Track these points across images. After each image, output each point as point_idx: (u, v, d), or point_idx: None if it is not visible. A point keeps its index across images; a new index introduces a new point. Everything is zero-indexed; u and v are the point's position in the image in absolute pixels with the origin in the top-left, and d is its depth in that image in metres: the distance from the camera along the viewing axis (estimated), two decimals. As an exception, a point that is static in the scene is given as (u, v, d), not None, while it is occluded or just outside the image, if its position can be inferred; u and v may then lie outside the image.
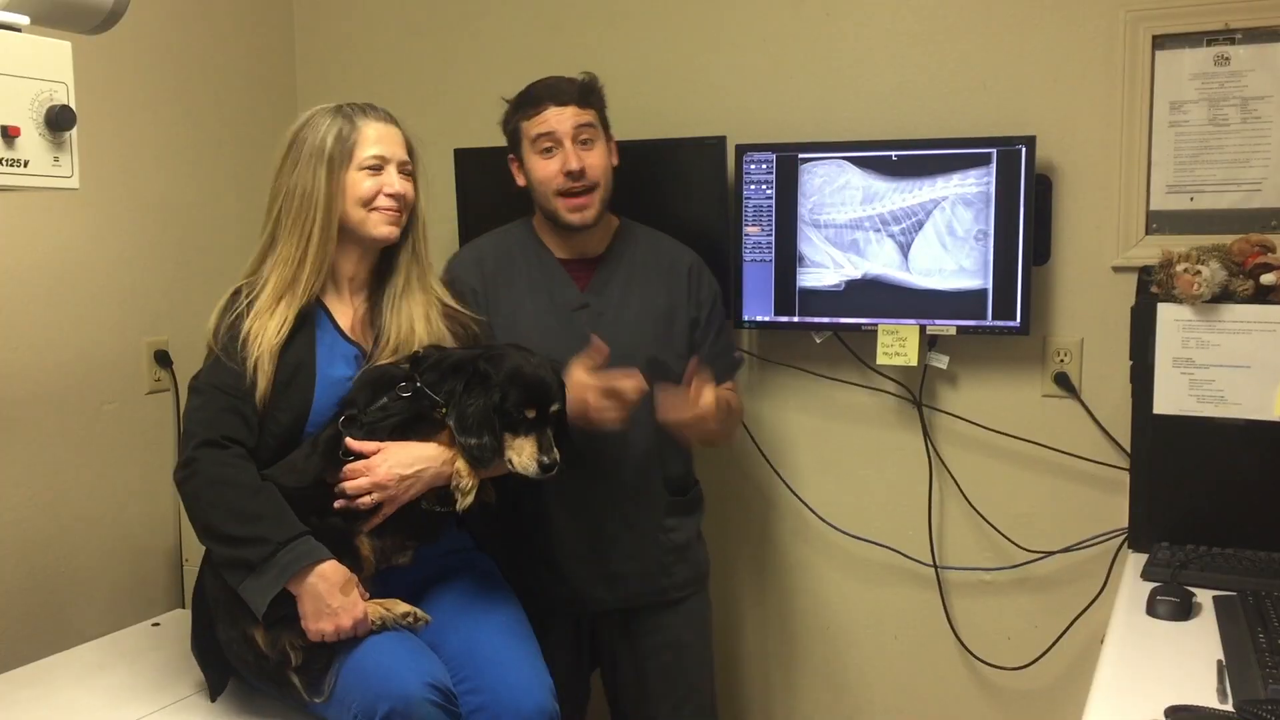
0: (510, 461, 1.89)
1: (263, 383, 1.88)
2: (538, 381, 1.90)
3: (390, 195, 1.97)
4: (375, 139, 1.97)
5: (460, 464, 1.88)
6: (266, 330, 1.90)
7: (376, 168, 1.96)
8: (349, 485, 1.86)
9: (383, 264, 2.05)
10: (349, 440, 1.87)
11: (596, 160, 2.18)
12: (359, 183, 1.96)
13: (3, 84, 1.64)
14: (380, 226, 1.98)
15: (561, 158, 2.16)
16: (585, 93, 2.20)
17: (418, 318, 2.01)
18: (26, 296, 2.37)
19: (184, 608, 2.61)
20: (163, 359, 2.67)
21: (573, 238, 2.24)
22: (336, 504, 1.86)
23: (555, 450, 1.89)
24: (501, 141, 2.80)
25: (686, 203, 2.59)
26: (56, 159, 1.73)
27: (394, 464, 1.86)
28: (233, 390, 1.88)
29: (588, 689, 2.42)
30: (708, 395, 2.05)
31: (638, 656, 2.29)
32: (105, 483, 2.55)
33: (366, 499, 1.86)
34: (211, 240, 2.81)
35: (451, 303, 2.10)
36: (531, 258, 2.27)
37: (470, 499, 1.88)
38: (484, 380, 1.87)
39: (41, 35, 1.71)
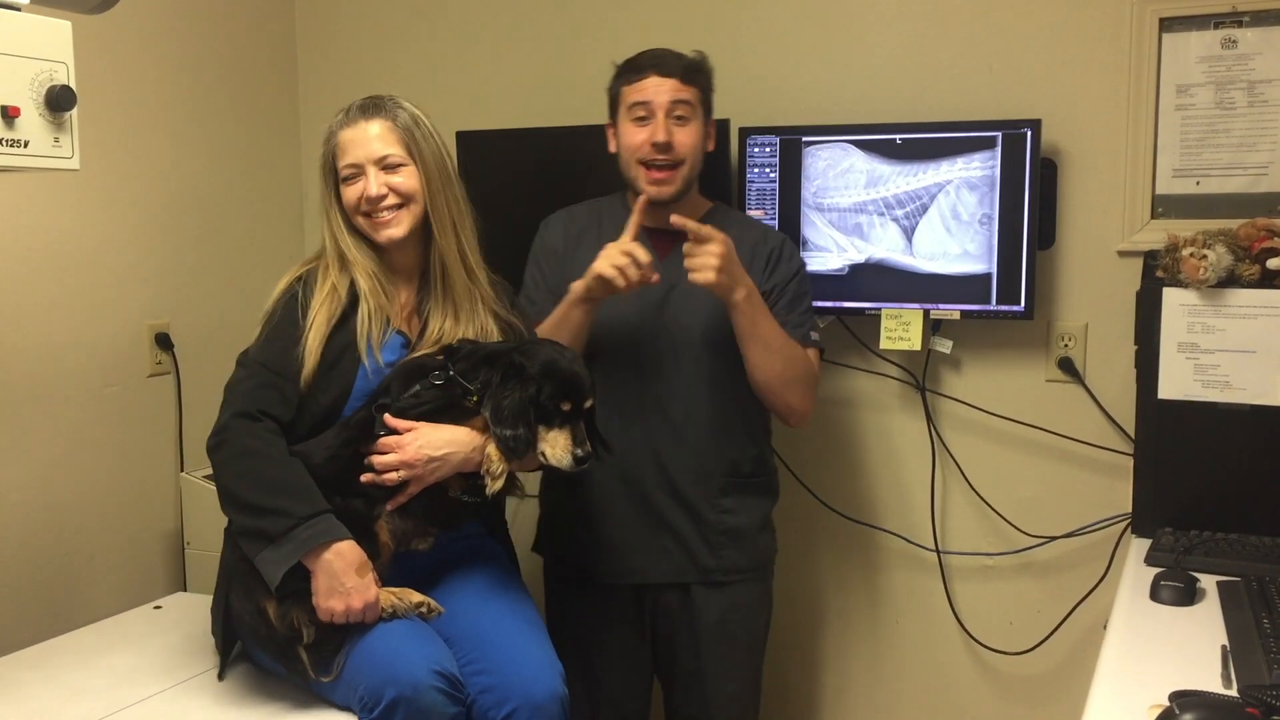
0: (543, 454, 1.89)
1: (310, 363, 1.89)
2: (572, 376, 1.91)
3: (370, 199, 1.95)
4: (346, 146, 1.97)
5: (491, 449, 1.88)
6: (319, 316, 1.93)
7: (352, 177, 1.97)
8: (377, 460, 1.87)
9: (430, 257, 2.04)
10: (386, 417, 1.88)
11: (687, 138, 2.15)
12: (346, 193, 1.98)
13: (2, 64, 1.63)
14: (376, 231, 1.98)
15: (651, 128, 2.13)
16: (691, 70, 2.17)
17: (466, 315, 2.02)
18: (26, 278, 2.36)
19: (186, 591, 2.61)
20: (164, 342, 2.66)
21: (657, 209, 2.18)
22: (363, 477, 1.87)
23: (588, 443, 1.91)
24: (504, 124, 2.81)
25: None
26: (57, 139, 1.73)
27: (424, 444, 1.87)
28: (277, 368, 1.90)
29: (651, 674, 2.38)
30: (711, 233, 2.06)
31: (691, 642, 2.26)
32: (106, 466, 2.54)
33: (393, 475, 1.86)
34: (213, 222, 2.80)
35: (499, 310, 2.09)
36: (617, 226, 2.19)
37: (500, 484, 1.88)
38: (520, 373, 1.88)
39: (41, 15, 1.70)
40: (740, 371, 2.18)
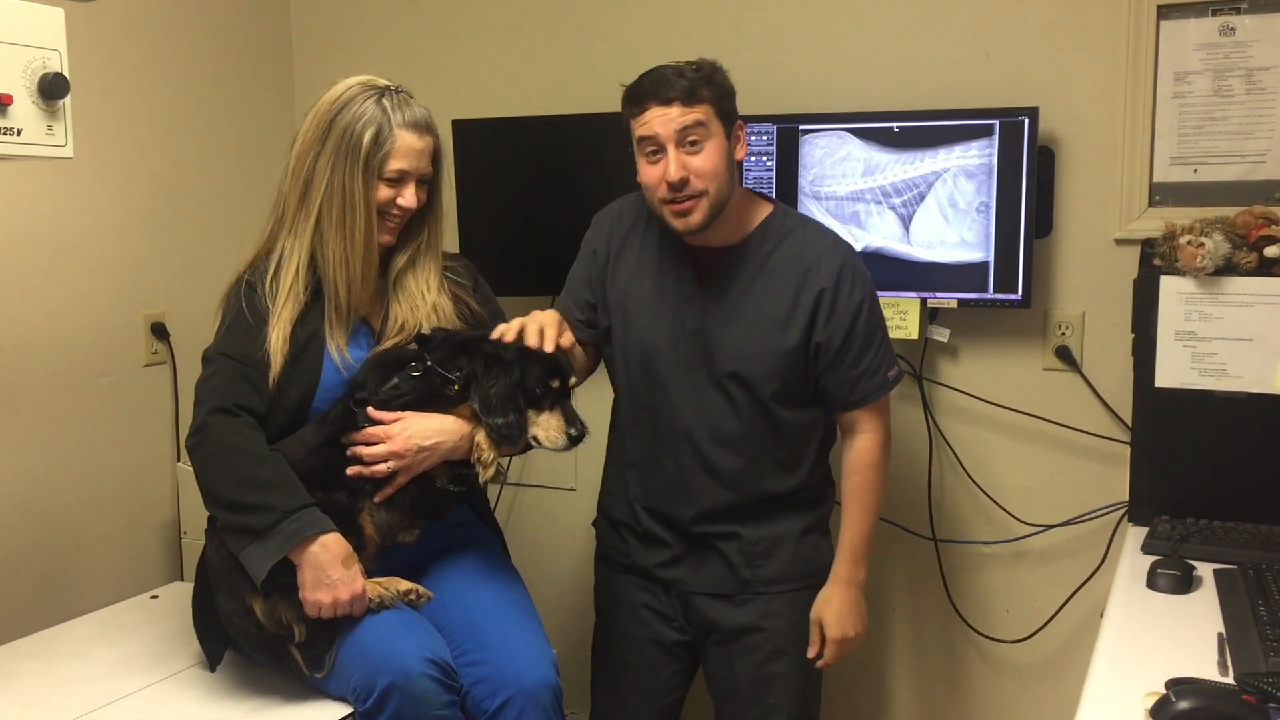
0: (536, 438, 1.90)
1: (276, 363, 1.87)
2: (551, 356, 1.91)
3: (400, 208, 1.94)
4: (405, 152, 1.91)
5: (480, 437, 1.88)
6: (282, 315, 1.90)
7: (396, 181, 1.93)
8: (366, 451, 1.86)
9: (390, 251, 2.03)
10: (370, 409, 1.87)
11: (705, 164, 1.96)
12: (382, 190, 1.93)
13: (-5, 51, 1.62)
14: (380, 234, 1.95)
15: (663, 165, 1.96)
16: (694, 88, 1.95)
17: (420, 301, 2.00)
18: (21, 267, 2.36)
19: (182, 580, 2.61)
20: (159, 331, 2.66)
21: (695, 231, 2.05)
22: (350, 470, 1.86)
23: (579, 421, 1.91)
24: (500, 112, 2.81)
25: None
26: (50, 127, 1.72)
27: (413, 434, 1.86)
28: (244, 359, 1.88)
29: (689, 682, 2.28)
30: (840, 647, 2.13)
31: (729, 653, 2.17)
32: (102, 455, 2.54)
33: (382, 467, 1.85)
34: (208, 211, 2.79)
35: (456, 291, 2.08)
36: (662, 234, 2.10)
37: (492, 471, 1.89)
38: (499, 360, 1.88)
39: (34, 2, 1.69)
40: (773, 410, 2.07)
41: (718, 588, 2.15)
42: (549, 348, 1.91)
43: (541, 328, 1.93)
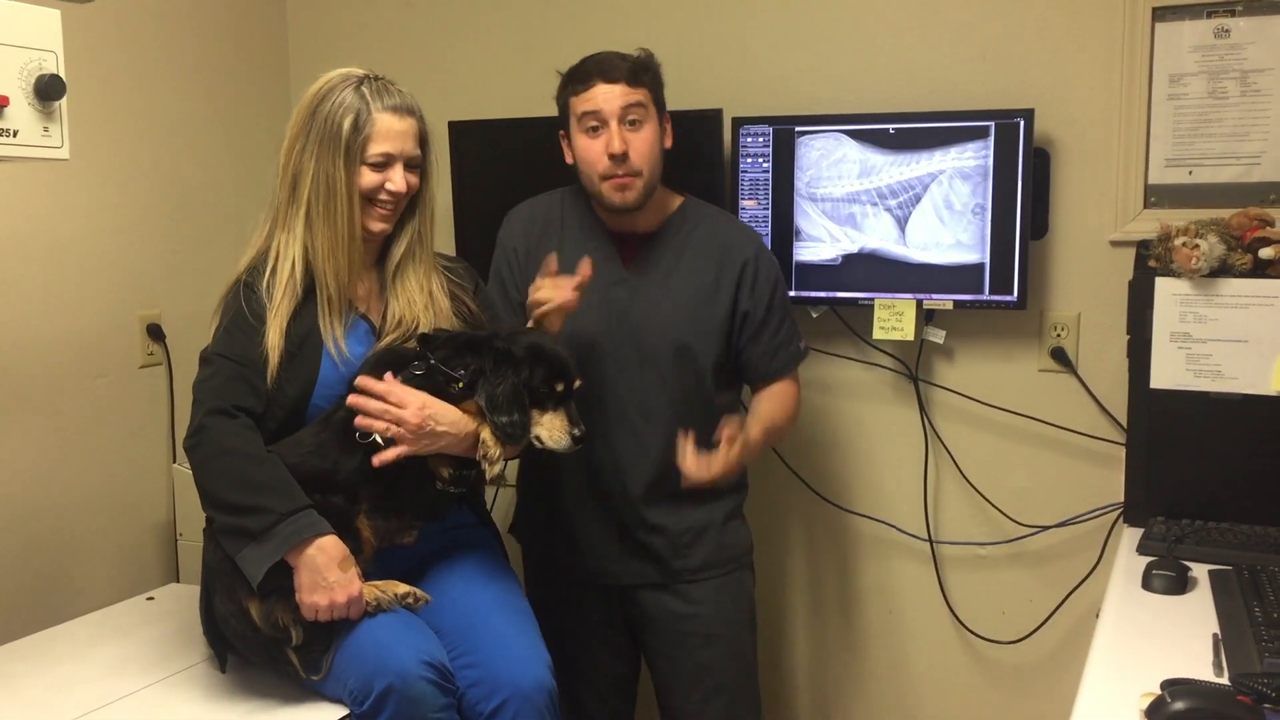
0: (538, 438, 1.90)
1: (273, 359, 1.87)
2: (559, 357, 1.92)
3: (390, 192, 1.93)
4: (385, 134, 1.91)
5: (486, 434, 1.88)
6: (279, 310, 1.89)
7: (382, 165, 1.92)
8: (375, 406, 1.82)
9: (387, 242, 2.03)
10: (389, 377, 1.85)
11: (642, 144, 2.10)
12: (367, 177, 1.92)
13: (-9, 53, 1.62)
14: (373, 222, 1.95)
15: (605, 138, 2.08)
16: (638, 71, 2.11)
17: (418, 294, 2.00)
18: (16, 269, 2.35)
19: (178, 582, 2.61)
20: (155, 333, 2.65)
21: (621, 214, 2.17)
22: (357, 420, 1.83)
23: (582, 423, 1.92)
24: (495, 114, 2.80)
25: (682, 176, 2.56)
26: (46, 129, 1.72)
27: (431, 413, 1.84)
28: (242, 359, 1.88)
29: (635, 667, 2.37)
30: (725, 459, 2.03)
31: (665, 643, 2.25)
32: (98, 457, 2.54)
33: (380, 424, 1.82)
34: (205, 212, 2.79)
35: (455, 292, 2.08)
36: (581, 224, 2.22)
37: (498, 468, 1.89)
38: (508, 358, 1.88)
39: (30, 3, 1.69)
40: (708, 382, 2.18)
41: (648, 579, 2.23)
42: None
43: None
